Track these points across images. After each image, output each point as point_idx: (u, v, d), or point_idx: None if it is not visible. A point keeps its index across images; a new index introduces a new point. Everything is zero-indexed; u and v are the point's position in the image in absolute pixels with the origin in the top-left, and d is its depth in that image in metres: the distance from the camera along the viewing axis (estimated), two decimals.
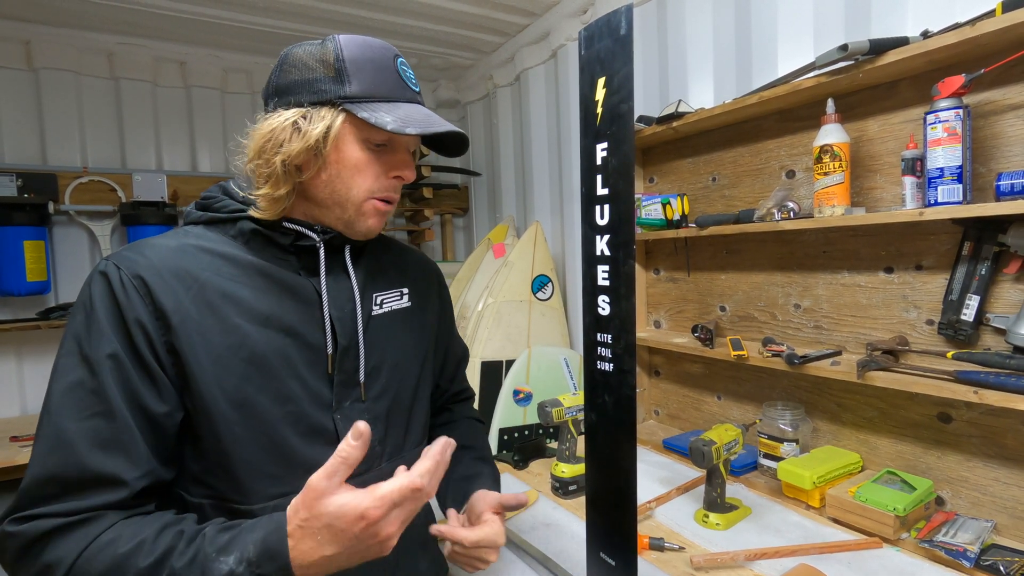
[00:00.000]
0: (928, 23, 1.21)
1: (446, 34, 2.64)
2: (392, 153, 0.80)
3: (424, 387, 0.95)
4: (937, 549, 1.09)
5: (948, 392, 1.09)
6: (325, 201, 0.78)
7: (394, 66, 0.79)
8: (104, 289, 0.69)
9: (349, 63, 0.75)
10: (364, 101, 0.75)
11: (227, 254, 0.77)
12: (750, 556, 1.12)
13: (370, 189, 0.79)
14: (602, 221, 0.83)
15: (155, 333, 0.69)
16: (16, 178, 2.26)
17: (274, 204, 0.76)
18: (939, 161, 1.11)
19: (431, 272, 1.04)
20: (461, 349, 1.15)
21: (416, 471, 0.64)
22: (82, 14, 2.29)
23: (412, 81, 0.81)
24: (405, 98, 0.79)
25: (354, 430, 0.61)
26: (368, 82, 0.75)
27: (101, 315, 0.68)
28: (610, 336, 0.83)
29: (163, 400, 0.69)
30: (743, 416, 1.72)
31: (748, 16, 1.66)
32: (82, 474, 0.63)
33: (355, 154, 0.77)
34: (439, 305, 1.03)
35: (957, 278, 1.20)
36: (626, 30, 0.77)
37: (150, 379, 0.69)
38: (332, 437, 0.79)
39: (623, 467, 0.84)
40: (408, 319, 0.93)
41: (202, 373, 0.70)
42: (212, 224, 0.80)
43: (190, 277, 0.72)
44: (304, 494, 0.62)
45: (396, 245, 1.02)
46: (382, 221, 0.83)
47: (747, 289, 1.69)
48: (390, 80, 0.78)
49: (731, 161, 1.71)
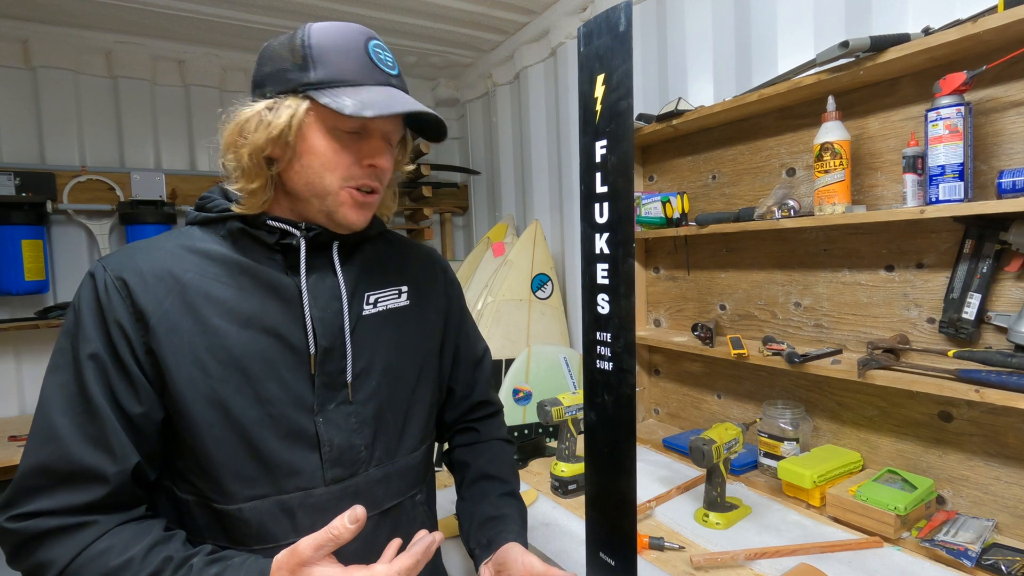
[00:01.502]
0: (928, 19, 1.20)
1: (445, 32, 2.63)
2: (366, 140, 0.77)
3: (424, 390, 0.91)
4: (938, 548, 1.08)
5: (949, 391, 1.09)
6: (303, 193, 0.77)
7: (364, 49, 0.75)
8: (90, 290, 0.71)
9: (315, 49, 0.73)
10: (328, 87, 0.72)
11: (215, 254, 0.76)
12: (750, 555, 1.11)
13: (344, 178, 0.76)
14: (601, 219, 0.82)
15: (133, 334, 0.70)
16: (14, 177, 2.25)
17: (251, 197, 0.76)
18: (940, 159, 1.10)
19: (436, 268, 1.00)
20: (478, 351, 1.07)
21: (396, 567, 0.67)
22: (80, 12, 2.28)
23: (387, 64, 0.77)
24: (375, 81, 0.75)
25: (351, 513, 0.64)
26: (333, 67, 0.73)
27: (85, 315, 0.70)
28: (609, 335, 0.83)
29: (140, 401, 0.70)
30: (743, 415, 1.71)
31: (748, 13, 1.65)
32: (70, 467, 0.66)
33: (324, 143, 0.74)
34: (446, 303, 0.99)
35: (958, 276, 1.20)
36: (625, 26, 0.76)
37: (128, 380, 0.70)
38: (313, 441, 0.77)
39: (623, 467, 0.83)
40: (406, 318, 0.90)
41: (179, 374, 0.70)
42: (206, 224, 0.80)
43: (172, 278, 0.73)
44: (290, 555, 0.65)
45: (400, 241, 0.98)
46: (364, 213, 0.80)
47: (747, 287, 1.68)
48: (358, 63, 0.74)
49: (731, 159, 1.70)
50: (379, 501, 0.82)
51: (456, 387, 1.03)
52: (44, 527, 0.64)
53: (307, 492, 0.76)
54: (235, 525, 0.74)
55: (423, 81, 3.37)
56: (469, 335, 1.05)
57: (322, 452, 0.77)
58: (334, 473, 0.78)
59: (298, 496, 0.76)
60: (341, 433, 0.79)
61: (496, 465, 1.01)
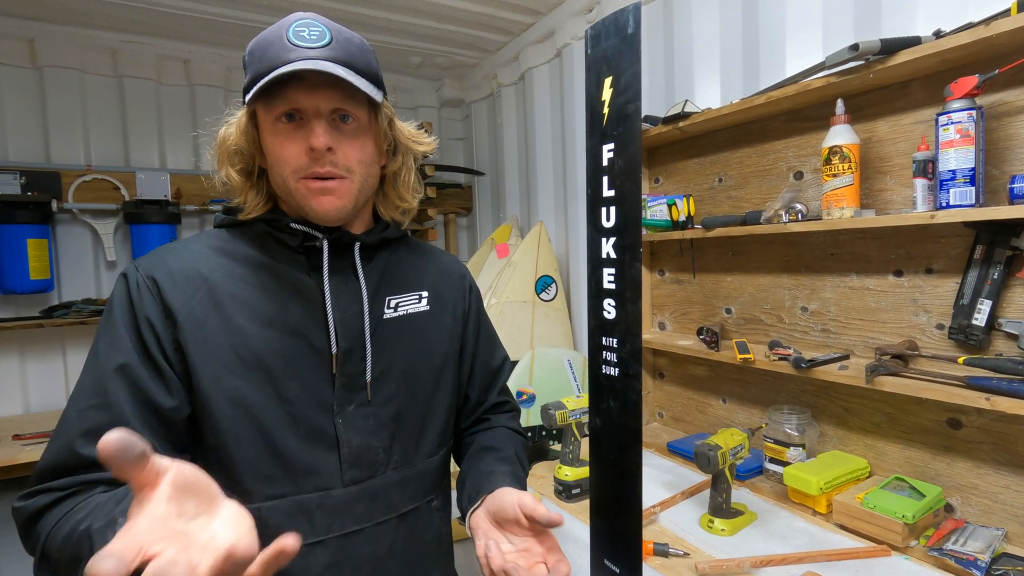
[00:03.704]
0: (939, 22, 1.19)
1: (450, 32, 2.63)
2: (305, 125, 0.74)
3: (442, 396, 0.90)
4: (947, 558, 1.07)
5: (959, 398, 1.07)
6: (280, 194, 0.79)
7: (285, 34, 0.71)
8: (123, 289, 0.74)
9: (248, 55, 0.75)
10: (253, 85, 0.71)
11: (241, 255, 0.79)
12: (756, 563, 1.10)
13: (295, 169, 0.74)
14: (608, 223, 0.81)
15: (163, 330, 0.72)
16: (20, 176, 2.26)
17: (248, 204, 0.80)
18: (951, 163, 1.09)
19: (457, 276, 0.98)
20: (497, 359, 1.04)
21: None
22: (86, 12, 2.28)
23: (307, 39, 0.71)
24: (290, 60, 0.70)
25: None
26: (256, 64, 0.72)
27: (117, 314, 0.72)
28: (616, 340, 0.82)
29: (172, 395, 0.71)
30: (748, 420, 1.70)
31: (756, 14, 1.64)
32: (74, 459, 0.67)
33: (270, 139, 0.75)
34: (465, 309, 0.97)
35: (969, 282, 1.18)
36: (634, 28, 0.76)
37: (159, 375, 0.71)
38: (332, 441, 0.77)
39: (629, 473, 0.82)
40: (425, 324, 0.89)
41: (204, 370, 0.72)
42: (233, 227, 0.82)
43: (200, 278, 0.75)
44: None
45: (423, 247, 0.98)
46: (331, 200, 0.75)
47: (753, 291, 1.67)
48: (275, 50, 0.71)
49: (738, 162, 1.69)
50: (396, 504, 0.82)
51: (472, 394, 1.01)
52: (44, 501, 0.66)
53: (325, 493, 0.76)
54: None
55: (428, 82, 3.37)
56: (488, 343, 1.03)
57: (341, 453, 0.77)
58: (352, 474, 0.78)
59: (316, 497, 0.76)
60: (360, 434, 0.79)
61: (498, 441, 0.96)
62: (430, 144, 0.88)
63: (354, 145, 0.76)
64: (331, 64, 0.70)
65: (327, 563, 0.77)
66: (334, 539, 0.77)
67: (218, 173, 0.79)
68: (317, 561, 0.76)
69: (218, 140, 0.78)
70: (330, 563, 0.77)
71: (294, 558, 0.73)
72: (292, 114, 0.73)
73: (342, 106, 0.74)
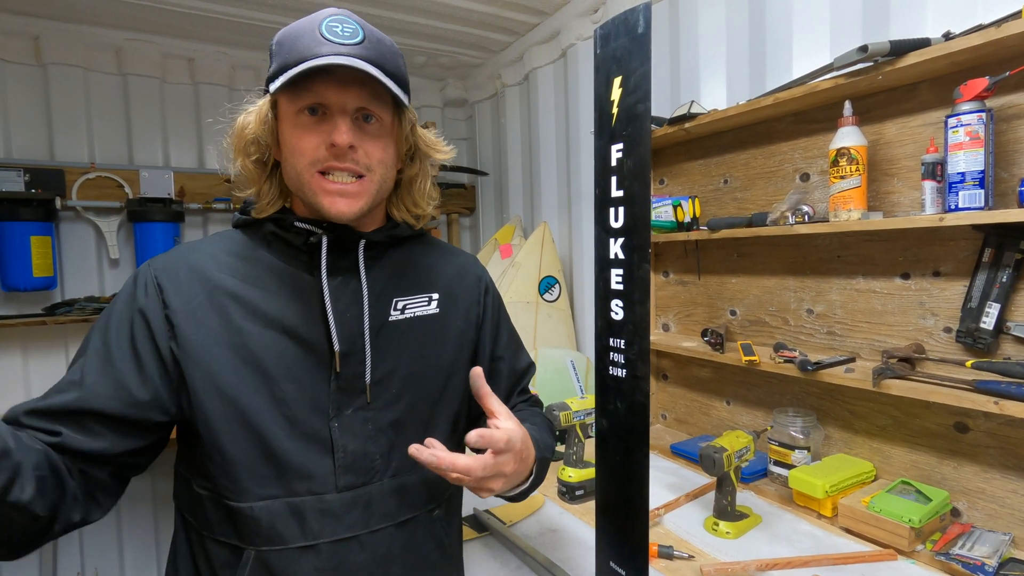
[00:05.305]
0: (948, 24, 1.18)
1: (454, 32, 2.62)
2: (328, 120, 0.73)
3: (449, 402, 0.87)
4: (953, 562, 1.06)
5: (967, 402, 1.07)
6: (292, 189, 0.79)
7: (318, 28, 0.71)
8: (131, 284, 0.76)
9: (274, 46, 0.75)
10: (280, 74, 0.70)
11: (250, 256, 0.79)
12: (761, 566, 1.09)
13: (310, 162, 0.73)
14: (616, 224, 0.81)
15: (159, 326, 0.73)
16: (23, 173, 2.26)
17: (260, 200, 0.80)
18: (960, 166, 1.09)
19: (473, 278, 0.95)
20: (523, 362, 1.00)
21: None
22: (91, 10, 2.28)
23: (341, 35, 0.71)
24: (322, 54, 0.69)
25: None
26: (285, 55, 0.72)
27: (118, 304, 0.75)
28: (623, 341, 0.81)
29: (146, 389, 0.72)
30: (753, 422, 1.70)
31: (762, 15, 1.63)
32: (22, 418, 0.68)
33: (289, 130, 0.74)
34: (479, 314, 0.93)
35: (977, 285, 1.18)
36: (644, 28, 0.75)
37: (138, 367, 0.72)
38: (327, 445, 0.76)
39: (636, 475, 0.81)
40: (434, 327, 0.86)
41: (200, 370, 0.72)
42: (246, 227, 0.83)
43: (205, 278, 0.76)
44: None
45: (441, 247, 0.95)
46: (346, 201, 0.74)
47: (758, 293, 1.66)
48: (306, 42, 0.70)
49: (743, 163, 1.68)
50: (393, 513, 0.80)
51: (498, 395, 0.97)
52: None
53: (319, 497, 0.75)
54: (245, 523, 0.73)
55: (432, 81, 3.36)
56: (512, 345, 0.99)
57: (335, 457, 0.76)
58: (346, 480, 0.77)
59: (310, 500, 0.75)
60: (356, 439, 0.77)
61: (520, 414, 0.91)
62: (449, 153, 0.87)
63: (376, 145, 0.76)
64: (363, 62, 0.70)
65: (319, 568, 0.74)
66: (327, 545, 0.75)
67: (233, 162, 0.79)
68: (309, 565, 0.74)
69: (236, 128, 0.78)
70: (322, 568, 0.75)
71: (286, 561, 0.73)
72: (315, 108, 0.73)
73: (368, 105, 0.74)
